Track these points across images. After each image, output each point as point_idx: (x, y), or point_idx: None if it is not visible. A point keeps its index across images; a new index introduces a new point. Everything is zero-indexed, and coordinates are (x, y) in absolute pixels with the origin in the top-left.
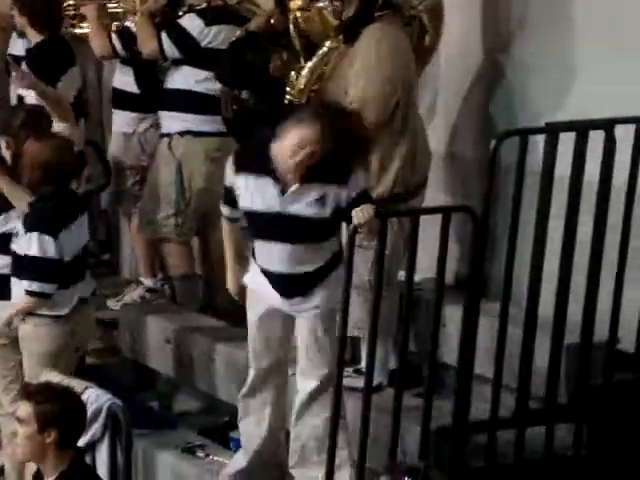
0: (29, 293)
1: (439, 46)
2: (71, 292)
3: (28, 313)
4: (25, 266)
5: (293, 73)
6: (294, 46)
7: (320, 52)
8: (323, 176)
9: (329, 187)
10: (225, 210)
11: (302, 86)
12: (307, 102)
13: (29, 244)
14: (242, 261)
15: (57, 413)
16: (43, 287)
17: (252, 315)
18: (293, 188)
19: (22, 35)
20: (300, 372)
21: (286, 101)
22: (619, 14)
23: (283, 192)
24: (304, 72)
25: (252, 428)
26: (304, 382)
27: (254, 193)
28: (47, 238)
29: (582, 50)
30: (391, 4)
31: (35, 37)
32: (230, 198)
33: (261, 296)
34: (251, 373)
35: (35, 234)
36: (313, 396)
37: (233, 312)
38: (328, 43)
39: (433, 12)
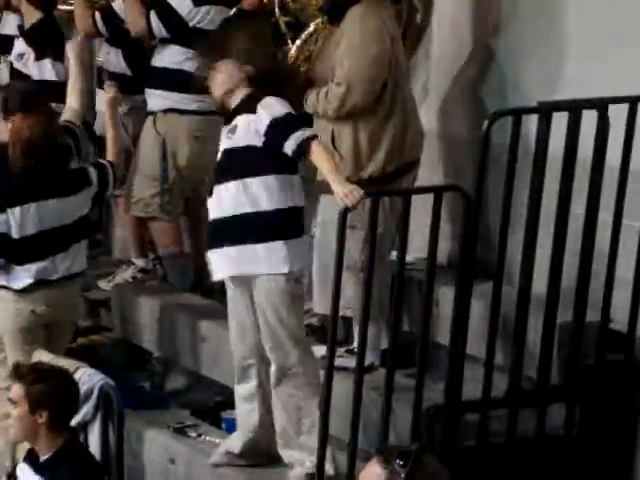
0: None
1: (432, 26)
2: (25, 270)
3: None
4: None
5: (280, 54)
6: (280, 26)
7: (306, 32)
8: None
9: (239, 118)
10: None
11: None
12: None
13: None
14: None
15: (48, 394)
16: None
17: (229, 303)
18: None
19: (16, 11)
20: (270, 358)
21: None
22: None
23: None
24: (291, 52)
25: (245, 415)
26: (272, 366)
27: None
28: None
29: (574, 35)
30: None
31: (31, 14)
32: None
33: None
34: (235, 362)
35: None
36: (279, 380)
37: (223, 291)
38: (314, 23)
39: None
